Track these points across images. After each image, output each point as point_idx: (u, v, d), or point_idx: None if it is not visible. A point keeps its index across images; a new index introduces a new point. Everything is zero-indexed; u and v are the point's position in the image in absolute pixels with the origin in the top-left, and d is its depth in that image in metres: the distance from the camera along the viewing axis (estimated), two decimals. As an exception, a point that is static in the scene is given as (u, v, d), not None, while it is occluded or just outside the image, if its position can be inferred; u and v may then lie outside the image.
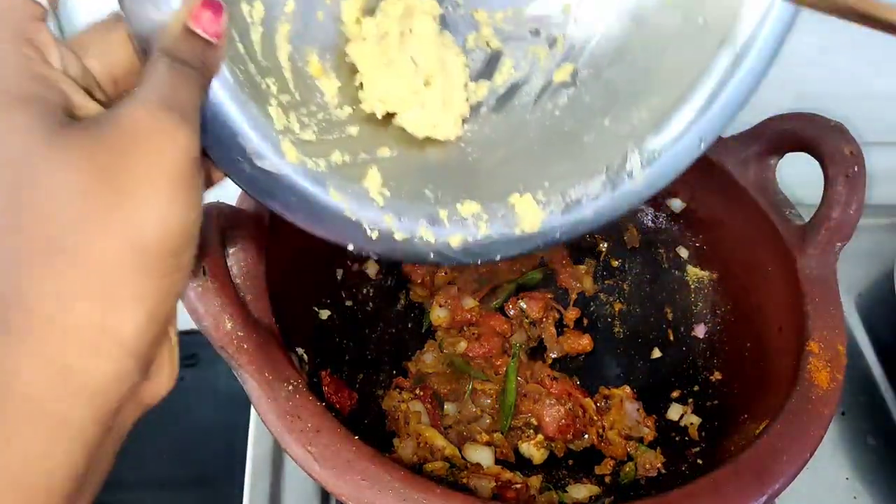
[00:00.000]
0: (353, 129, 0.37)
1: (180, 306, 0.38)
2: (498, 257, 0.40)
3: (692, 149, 0.41)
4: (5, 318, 0.23)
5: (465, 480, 0.50)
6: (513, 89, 0.43)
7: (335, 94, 0.37)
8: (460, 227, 0.38)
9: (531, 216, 0.39)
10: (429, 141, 0.40)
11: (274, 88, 0.33)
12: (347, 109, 0.37)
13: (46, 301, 0.23)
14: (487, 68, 0.42)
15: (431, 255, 0.37)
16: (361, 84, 0.38)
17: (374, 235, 0.36)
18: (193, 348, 0.75)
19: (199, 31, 0.28)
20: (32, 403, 0.23)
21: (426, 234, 0.37)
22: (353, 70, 0.38)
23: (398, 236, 0.36)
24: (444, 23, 0.40)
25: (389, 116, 0.39)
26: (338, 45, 0.38)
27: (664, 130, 0.41)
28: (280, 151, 0.33)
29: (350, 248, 0.36)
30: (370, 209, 0.36)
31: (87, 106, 0.27)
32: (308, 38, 0.36)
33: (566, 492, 0.53)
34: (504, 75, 0.42)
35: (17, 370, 0.23)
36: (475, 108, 0.42)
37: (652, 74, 0.41)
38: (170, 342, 0.29)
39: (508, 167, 0.41)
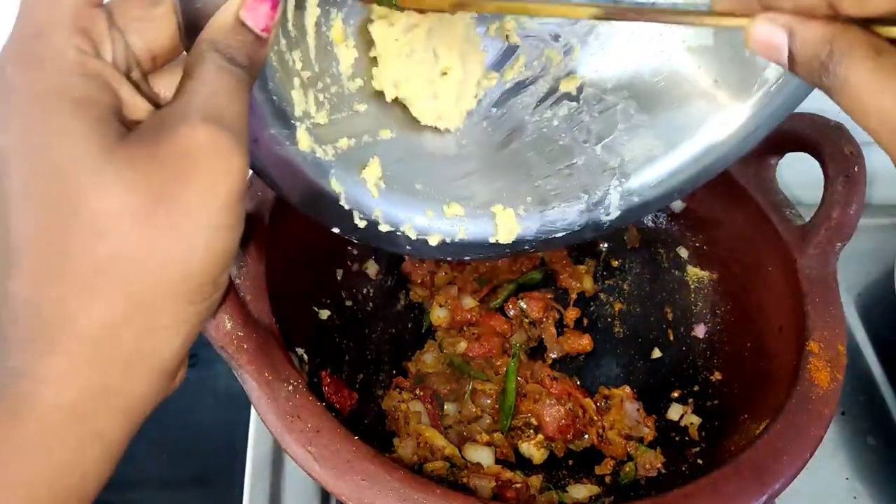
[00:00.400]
0: (362, 107, 0.37)
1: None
2: (468, 258, 0.42)
3: (668, 198, 0.43)
4: (50, 338, 0.23)
5: (465, 480, 0.50)
6: (518, 87, 0.43)
7: (350, 64, 0.37)
8: (441, 228, 0.40)
9: (509, 229, 0.41)
10: (428, 127, 0.40)
11: (299, 64, 0.33)
12: (359, 82, 0.37)
13: (91, 326, 0.23)
14: (499, 61, 0.42)
15: (408, 248, 0.39)
16: (376, 60, 0.38)
17: (362, 224, 0.37)
18: (193, 348, 0.74)
19: (251, 24, 0.27)
20: (73, 419, 0.23)
21: (409, 231, 0.39)
22: (371, 41, 0.38)
23: (383, 228, 0.38)
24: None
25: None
26: (362, 12, 0.37)
27: (649, 173, 0.42)
28: (295, 139, 0.33)
29: (335, 230, 0.37)
30: (364, 200, 0.37)
31: (136, 104, 0.26)
32: (335, 1, 0.35)
33: (566, 492, 0.53)
34: (514, 71, 0.43)
35: (61, 388, 0.23)
36: (479, 99, 0.42)
37: (652, 114, 0.42)
38: None
39: (497, 171, 0.42)
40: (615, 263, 0.67)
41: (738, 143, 0.41)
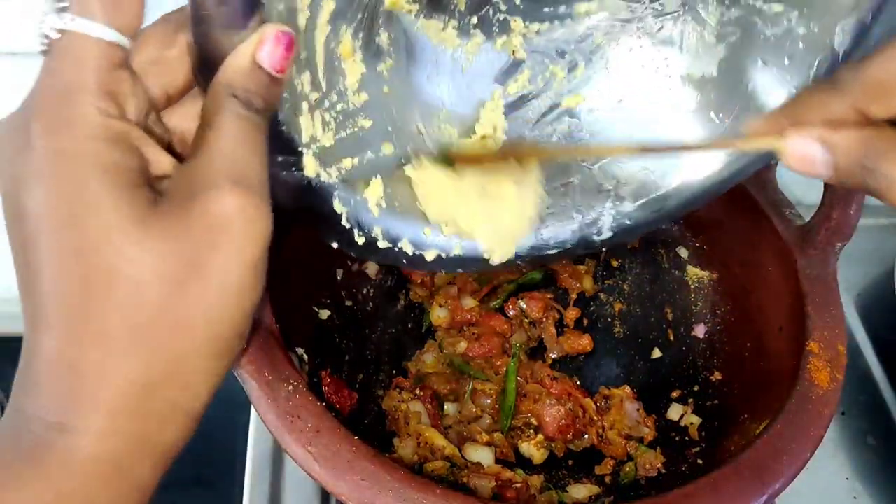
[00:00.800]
0: (366, 122, 0.38)
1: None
2: (459, 270, 0.43)
3: (660, 221, 0.44)
4: (92, 396, 0.24)
5: (465, 480, 0.50)
6: (521, 101, 0.43)
7: (357, 79, 0.37)
8: (438, 244, 0.41)
9: (504, 248, 0.42)
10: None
11: (308, 87, 0.33)
12: (364, 96, 0.37)
13: (129, 385, 0.24)
14: (504, 74, 0.43)
15: (404, 262, 0.40)
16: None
17: (361, 241, 0.38)
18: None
19: (267, 66, 0.27)
20: (114, 470, 0.25)
21: (406, 247, 0.40)
22: (379, 51, 0.38)
23: (381, 245, 0.39)
24: (479, 22, 0.40)
25: None
26: (371, 27, 0.37)
27: (643, 197, 0.43)
28: (301, 164, 0.34)
29: (334, 245, 0.37)
30: (365, 219, 0.38)
31: (160, 161, 0.27)
32: (345, 17, 0.35)
33: (566, 492, 0.53)
34: (518, 85, 0.43)
35: (103, 442, 0.24)
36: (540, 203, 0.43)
37: (648, 137, 0.42)
38: None
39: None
40: (615, 263, 0.67)
41: (733, 173, 0.41)
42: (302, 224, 0.37)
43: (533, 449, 0.56)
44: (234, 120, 0.26)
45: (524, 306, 0.64)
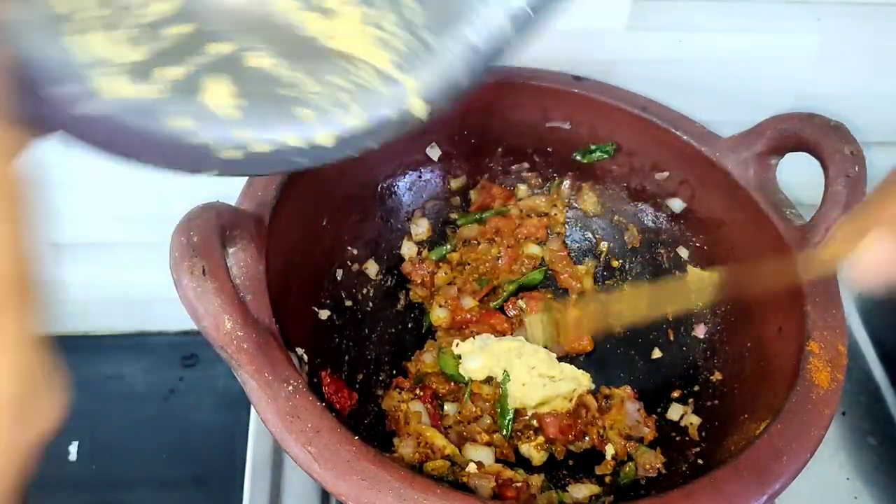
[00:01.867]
0: (186, 28, 0.29)
1: (180, 306, 0.38)
2: (372, 143, 0.34)
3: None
4: None
5: (465, 479, 0.50)
6: None
7: None
8: (327, 122, 0.32)
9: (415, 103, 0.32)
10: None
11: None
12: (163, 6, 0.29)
13: None
14: None
15: (301, 159, 0.32)
16: None
17: (231, 155, 0.31)
18: (193, 348, 0.75)
19: None
20: None
21: (292, 140, 0.32)
22: None
23: (261, 148, 0.31)
24: None
25: None
26: None
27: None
28: (90, 90, 0.27)
29: (215, 174, 0.31)
30: (219, 128, 0.31)
31: None
32: None
33: (566, 491, 0.53)
34: None
35: None
36: None
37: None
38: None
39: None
40: (615, 264, 0.67)
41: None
42: (151, 165, 0.30)
43: (533, 451, 0.56)
44: None
45: (524, 306, 0.64)
